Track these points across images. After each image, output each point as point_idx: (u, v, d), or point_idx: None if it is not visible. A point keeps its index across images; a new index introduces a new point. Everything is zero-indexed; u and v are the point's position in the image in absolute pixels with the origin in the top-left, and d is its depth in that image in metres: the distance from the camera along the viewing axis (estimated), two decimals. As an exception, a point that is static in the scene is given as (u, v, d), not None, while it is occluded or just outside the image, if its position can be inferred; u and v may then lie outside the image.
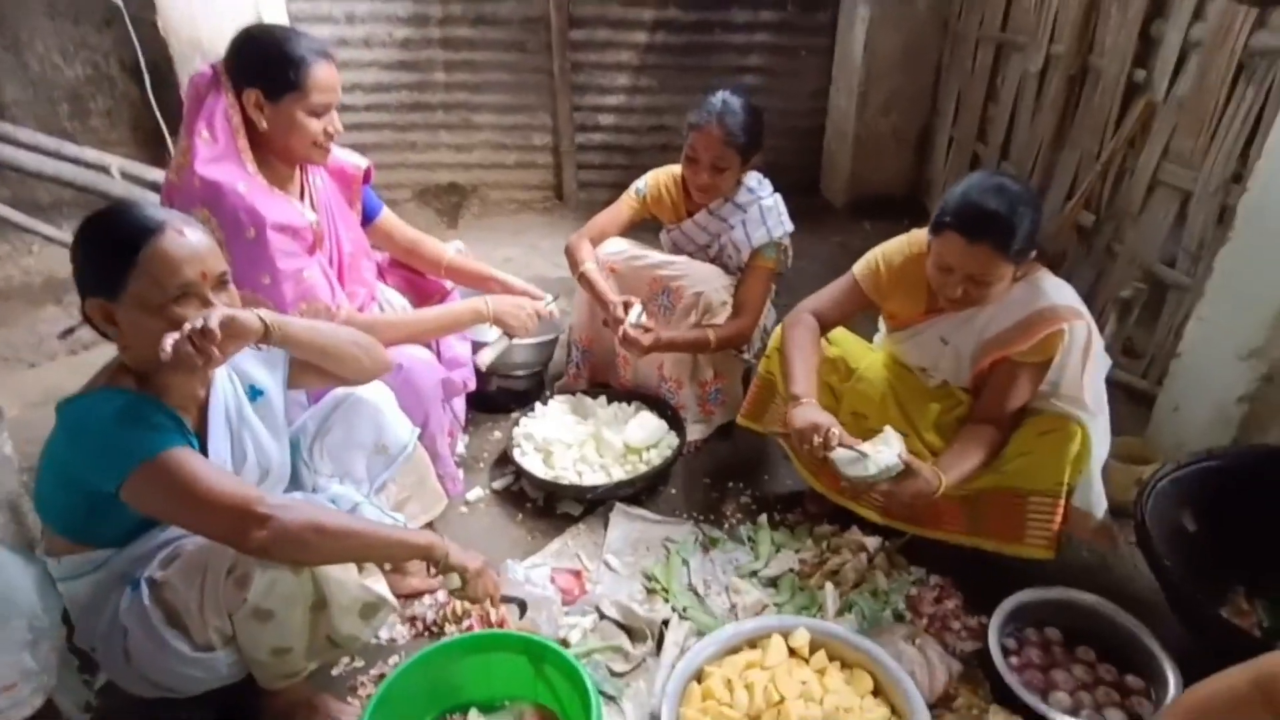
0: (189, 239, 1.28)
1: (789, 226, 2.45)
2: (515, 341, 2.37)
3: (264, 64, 1.71)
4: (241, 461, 1.50)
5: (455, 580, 1.48)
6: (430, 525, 2.01)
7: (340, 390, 1.72)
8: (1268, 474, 1.90)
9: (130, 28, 3.78)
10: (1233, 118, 2.43)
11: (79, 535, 1.37)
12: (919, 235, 1.91)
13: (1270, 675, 1.07)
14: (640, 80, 4.40)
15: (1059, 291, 1.79)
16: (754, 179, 2.45)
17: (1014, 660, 1.71)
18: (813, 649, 1.63)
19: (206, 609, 1.29)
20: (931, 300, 1.88)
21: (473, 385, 2.29)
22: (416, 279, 2.34)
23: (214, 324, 1.21)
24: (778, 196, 2.47)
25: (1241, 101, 2.40)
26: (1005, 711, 1.60)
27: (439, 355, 2.16)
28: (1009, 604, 1.77)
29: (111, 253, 1.25)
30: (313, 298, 1.80)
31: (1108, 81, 2.95)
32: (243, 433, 1.49)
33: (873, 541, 2.06)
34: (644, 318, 2.30)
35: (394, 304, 2.20)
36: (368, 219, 2.18)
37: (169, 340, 1.18)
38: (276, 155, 1.82)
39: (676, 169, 2.50)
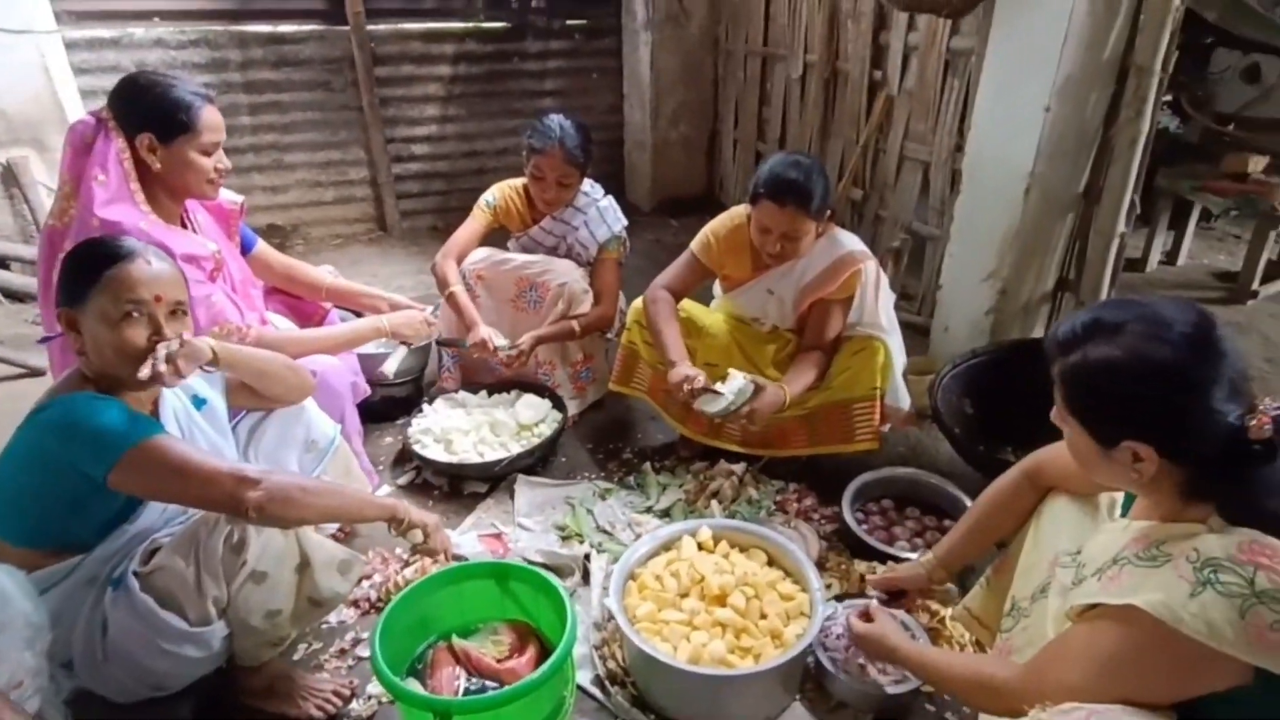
0: (153, 267, 1.46)
1: (624, 221, 2.82)
2: (393, 351, 2.59)
3: (155, 109, 1.83)
4: None
5: (418, 535, 1.68)
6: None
7: None
8: (1015, 361, 2.51)
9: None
10: (948, 102, 3.12)
11: (47, 541, 1.44)
12: (738, 210, 2.35)
13: (1033, 463, 1.56)
14: (449, 110, 4.64)
15: (852, 240, 2.29)
16: (587, 184, 2.80)
17: (864, 527, 2.17)
18: (715, 541, 1.98)
19: (204, 579, 1.41)
20: (756, 260, 2.33)
21: (367, 391, 2.44)
22: (296, 303, 2.46)
23: (175, 349, 1.42)
24: (610, 197, 2.83)
25: (951, 91, 3.10)
26: (864, 561, 2.04)
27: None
28: (852, 487, 2.24)
29: (84, 268, 1.41)
30: (224, 320, 1.91)
31: (854, 82, 3.62)
32: (194, 434, 1.61)
33: (739, 466, 2.46)
34: (504, 341, 2.58)
35: (280, 327, 2.31)
36: (246, 250, 2.29)
37: (146, 369, 1.38)
38: (169, 194, 1.93)
39: (517, 182, 2.80)
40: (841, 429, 2.33)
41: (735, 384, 2.13)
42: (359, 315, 2.72)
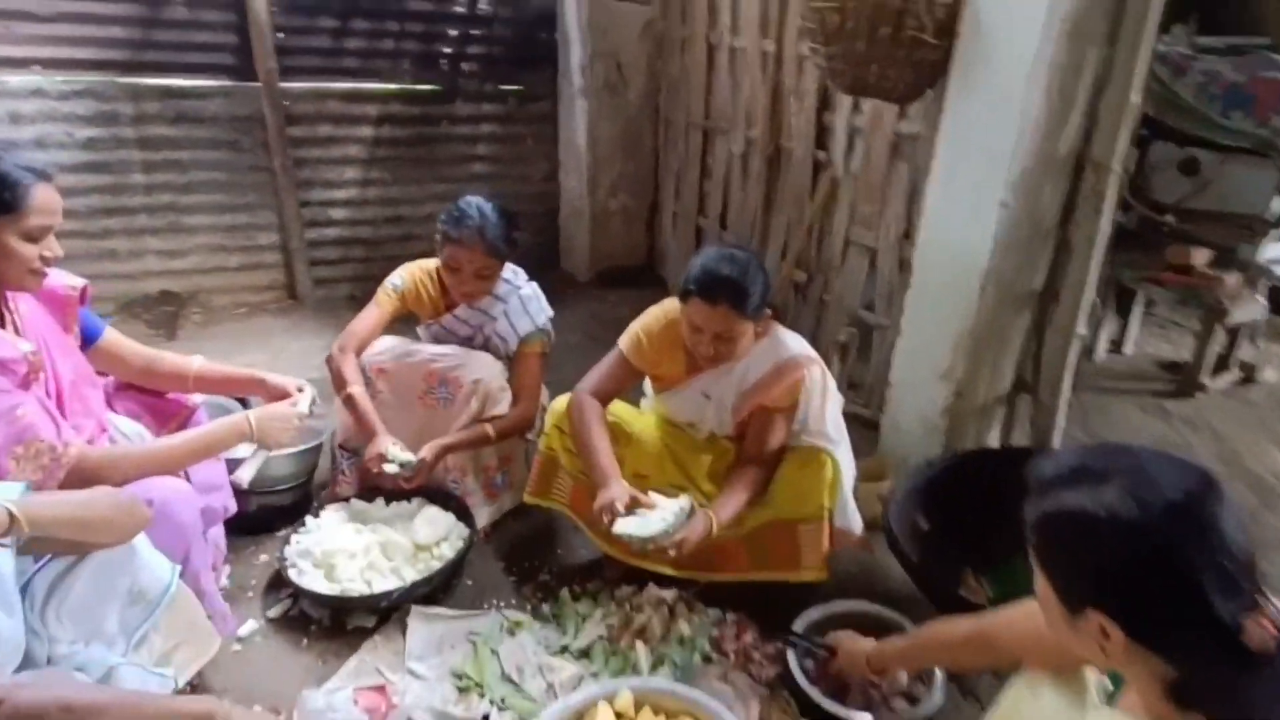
0: None
1: (550, 312, 2.54)
2: (276, 454, 2.22)
3: None
4: None
5: None
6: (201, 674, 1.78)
7: None
8: (971, 472, 2.30)
9: None
10: (895, 187, 2.96)
11: None
12: (670, 304, 2.10)
13: (982, 635, 1.41)
14: (371, 173, 4.34)
15: (796, 342, 2.06)
16: (509, 270, 2.52)
17: (811, 673, 1.88)
18: (638, 707, 1.66)
19: None
20: (690, 360, 2.08)
21: (233, 508, 2.07)
22: (153, 400, 2.08)
23: None
24: (534, 285, 2.55)
25: (899, 175, 2.94)
26: (813, 721, 1.75)
27: (188, 480, 1.93)
28: (798, 625, 1.95)
29: None
30: (32, 437, 1.54)
31: (798, 160, 3.46)
32: None
33: (670, 594, 2.16)
34: (404, 453, 2.24)
35: (127, 434, 1.94)
36: (89, 341, 1.93)
37: None
38: None
39: (429, 263, 2.51)
40: (786, 553, 2.06)
41: (671, 508, 1.85)
42: (245, 404, 2.37)
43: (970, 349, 2.41)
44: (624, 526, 1.84)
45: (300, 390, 2.11)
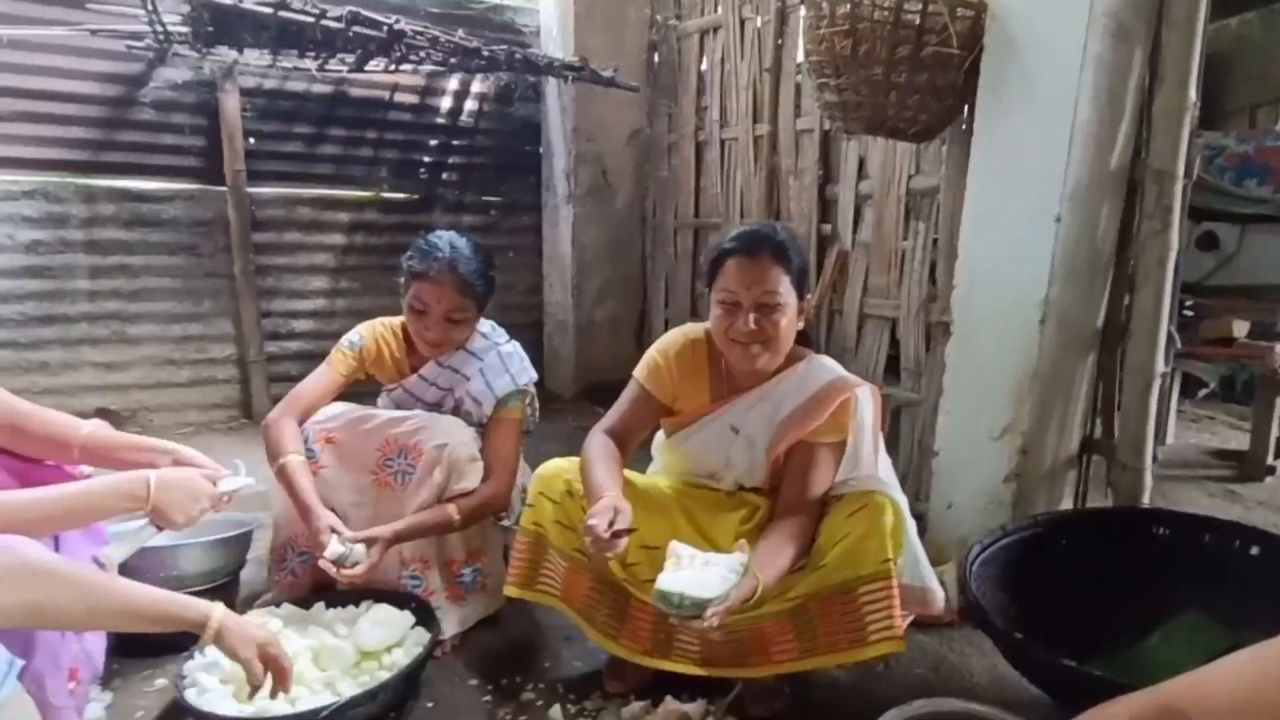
0: None
1: (533, 374, 2.18)
2: (181, 541, 1.75)
3: None
4: None
5: None
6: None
7: None
8: (1057, 539, 1.87)
9: None
10: (913, 249, 2.70)
11: None
12: (688, 326, 1.85)
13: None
14: (340, 283, 4.08)
15: (838, 366, 1.73)
16: (486, 325, 2.18)
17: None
18: None
19: None
20: (715, 387, 1.71)
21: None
22: (29, 469, 1.62)
23: None
24: (515, 343, 2.21)
25: (916, 236, 2.69)
26: None
27: (56, 548, 1.45)
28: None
29: None
30: None
31: (801, 240, 3.21)
32: None
33: (696, 708, 1.63)
34: (348, 546, 1.78)
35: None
36: None
37: None
38: None
39: (394, 320, 2.17)
40: (847, 626, 1.57)
41: (728, 563, 1.42)
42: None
43: (1037, 396, 2.04)
44: (672, 584, 1.36)
45: (231, 473, 1.67)
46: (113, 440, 1.67)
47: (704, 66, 3.78)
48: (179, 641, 1.75)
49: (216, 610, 1.29)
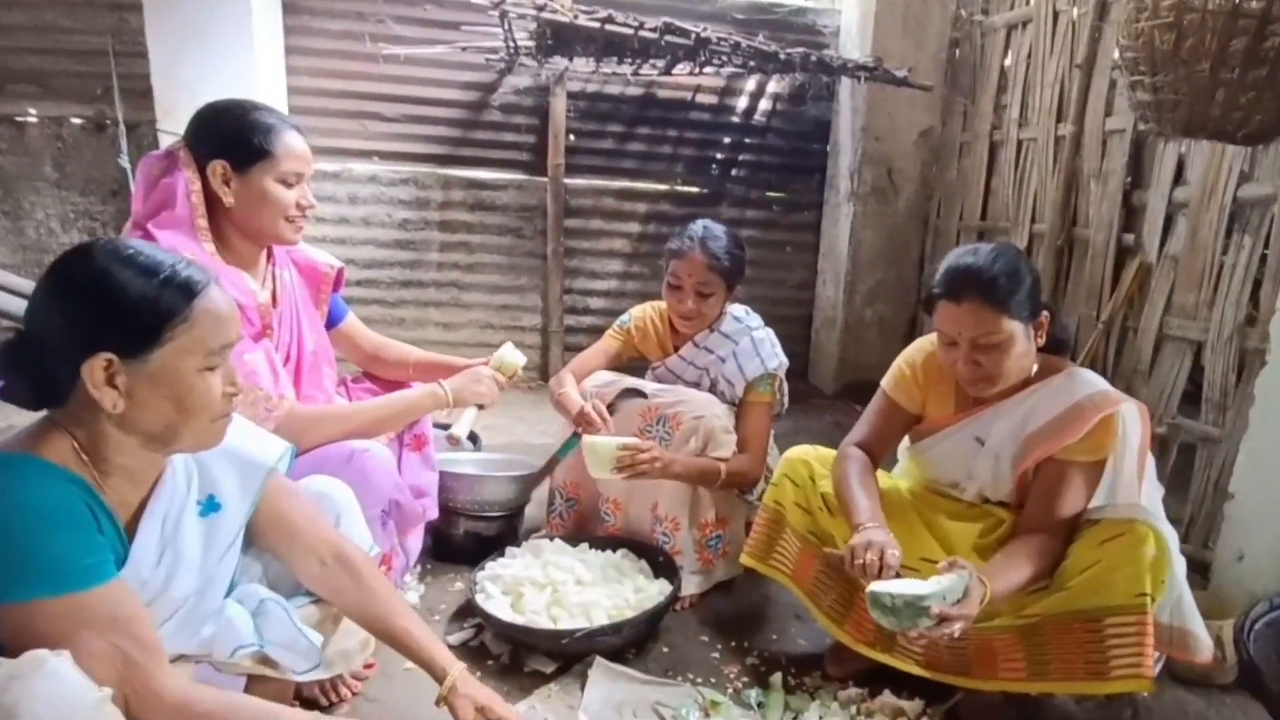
0: (228, 297, 1.17)
1: (784, 359, 2.32)
2: (489, 474, 2.19)
3: (231, 133, 1.62)
4: (162, 587, 1.21)
5: None
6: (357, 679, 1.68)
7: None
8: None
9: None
10: (1233, 265, 2.40)
11: None
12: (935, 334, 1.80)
13: None
14: (632, 267, 4.49)
15: (1101, 382, 1.63)
16: (740, 310, 2.37)
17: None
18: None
19: None
20: (960, 397, 1.72)
21: (434, 514, 2.00)
22: (383, 389, 2.14)
23: None
24: (769, 330, 2.36)
25: (1240, 250, 2.39)
26: None
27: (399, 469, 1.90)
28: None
29: (158, 299, 1.08)
30: (252, 383, 1.58)
31: (1096, 249, 2.99)
32: (177, 551, 1.22)
33: (913, 706, 1.68)
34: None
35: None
36: (333, 323, 2.03)
37: None
38: (244, 235, 1.69)
39: (661, 304, 2.43)
40: (1088, 656, 1.51)
41: (949, 578, 1.44)
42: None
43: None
44: (884, 586, 1.44)
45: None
46: (434, 361, 2.18)
47: (1008, 62, 3.60)
48: (474, 555, 2.20)
49: (455, 668, 1.36)
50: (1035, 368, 1.68)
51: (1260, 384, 2.03)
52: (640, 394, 2.20)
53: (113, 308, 1.06)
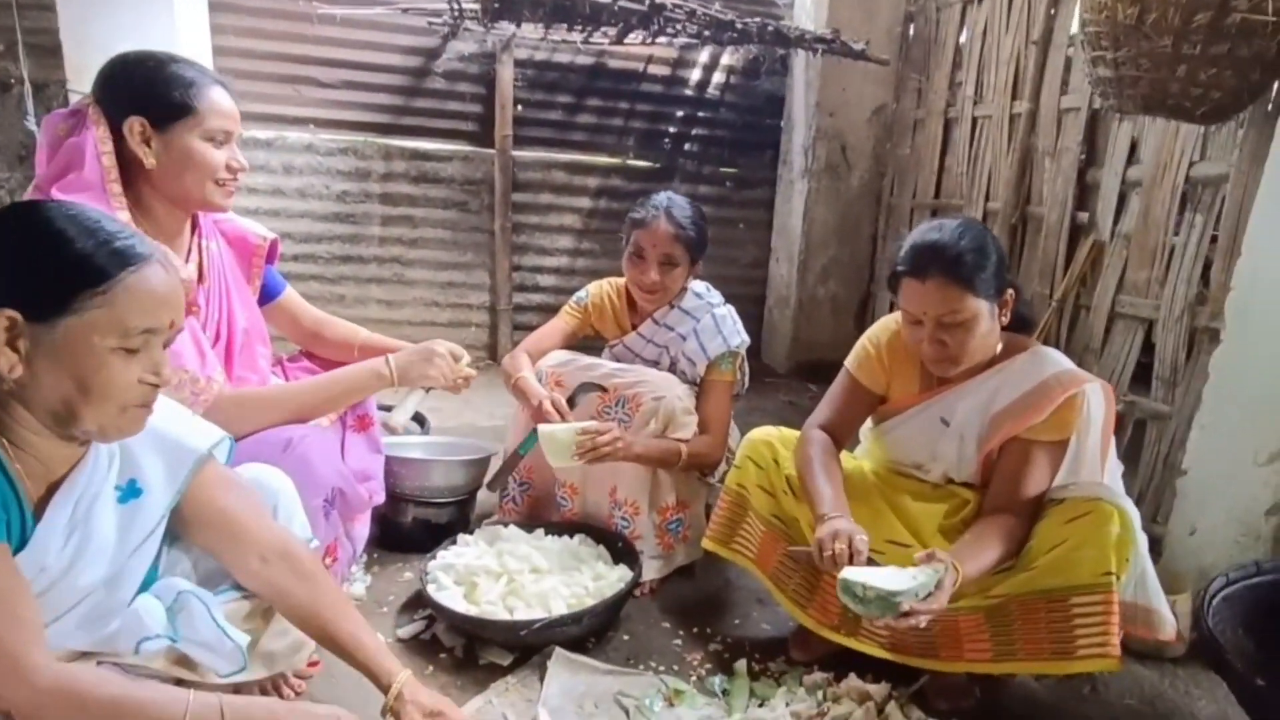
0: (171, 278, 1.08)
1: (745, 337, 2.26)
2: (438, 459, 2.10)
3: (147, 87, 1.46)
4: (64, 571, 1.10)
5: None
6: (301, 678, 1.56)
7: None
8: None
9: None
10: (1185, 244, 2.42)
11: None
12: (899, 313, 1.76)
13: None
14: (583, 243, 4.38)
15: (1065, 360, 1.62)
16: (701, 286, 2.31)
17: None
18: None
19: None
20: (925, 377, 1.69)
21: (380, 498, 1.88)
22: (326, 368, 2.00)
23: None
24: (730, 306, 2.30)
25: (1192, 229, 2.41)
26: None
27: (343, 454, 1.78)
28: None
29: (71, 266, 1.00)
30: (177, 364, 1.44)
31: (1051, 226, 3.00)
32: (85, 538, 1.11)
33: (879, 690, 1.65)
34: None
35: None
36: (269, 298, 1.88)
37: None
38: (168, 200, 1.53)
39: (618, 280, 2.35)
40: (1053, 636, 1.50)
41: (924, 572, 1.39)
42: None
43: (1317, 423, 1.79)
44: (857, 574, 1.39)
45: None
46: (381, 343, 2.01)
47: (963, 39, 3.58)
48: (424, 543, 2.10)
49: (401, 676, 1.28)
50: (1000, 346, 1.65)
51: (1215, 361, 2.04)
52: (600, 388, 2.10)
53: (25, 263, 0.99)
